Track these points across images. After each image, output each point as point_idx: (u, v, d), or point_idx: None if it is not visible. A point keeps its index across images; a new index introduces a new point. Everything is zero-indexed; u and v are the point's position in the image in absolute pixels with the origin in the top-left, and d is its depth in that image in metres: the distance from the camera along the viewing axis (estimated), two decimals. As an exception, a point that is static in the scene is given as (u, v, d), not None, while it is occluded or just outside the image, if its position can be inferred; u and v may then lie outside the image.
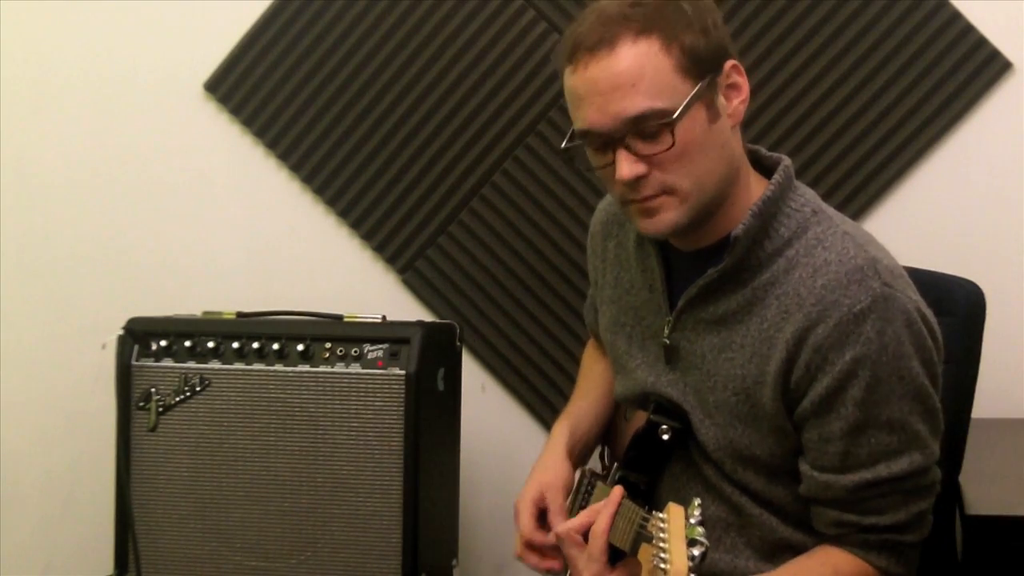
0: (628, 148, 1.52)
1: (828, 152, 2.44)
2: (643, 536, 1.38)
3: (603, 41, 1.50)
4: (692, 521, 1.32)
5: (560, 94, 2.54)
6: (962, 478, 1.76)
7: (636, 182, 1.53)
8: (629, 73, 1.50)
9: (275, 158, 2.65)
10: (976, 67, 2.40)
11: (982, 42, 2.40)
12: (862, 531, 1.55)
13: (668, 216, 1.55)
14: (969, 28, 2.40)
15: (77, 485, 2.71)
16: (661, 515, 1.36)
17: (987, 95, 2.40)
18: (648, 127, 1.50)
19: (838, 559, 1.56)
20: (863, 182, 2.44)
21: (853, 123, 2.44)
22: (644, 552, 1.37)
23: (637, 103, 1.49)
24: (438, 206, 2.60)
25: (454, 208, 2.60)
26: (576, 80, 1.53)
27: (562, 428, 1.85)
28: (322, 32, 2.60)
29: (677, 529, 1.32)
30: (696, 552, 1.28)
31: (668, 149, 1.50)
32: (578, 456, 1.83)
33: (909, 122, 2.42)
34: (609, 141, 1.53)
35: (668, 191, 1.54)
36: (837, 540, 1.57)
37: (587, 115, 1.53)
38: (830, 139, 2.44)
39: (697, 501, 1.33)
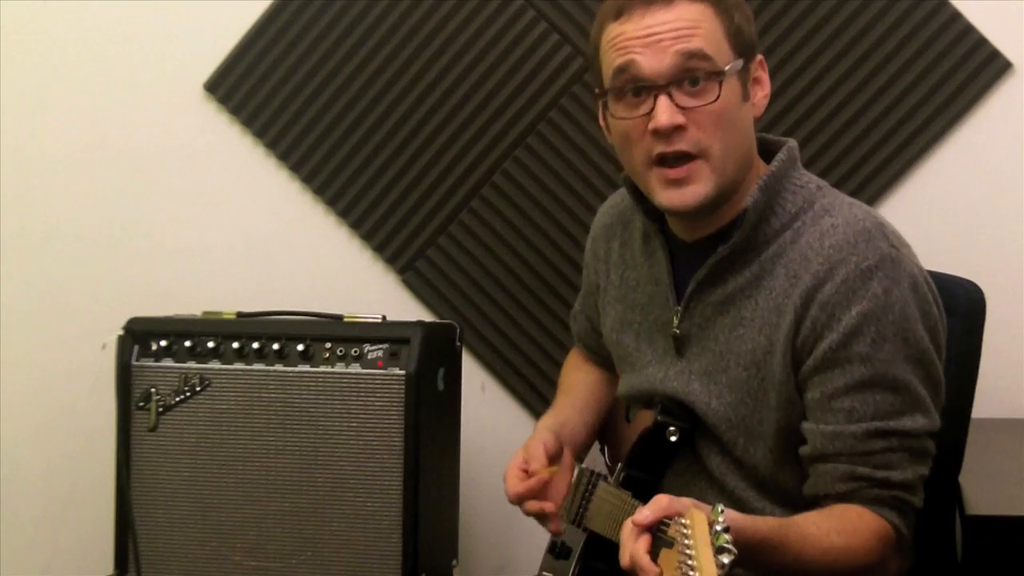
0: (669, 96, 1.53)
1: (828, 152, 2.44)
2: (663, 541, 1.36)
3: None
4: (718, 528, 1.29)
5: (560, 94, 2.55)
6: (962, 478, 1.76)
7: (671, 134, 1.53)
8: (687, 22, 1.54)
9: (275, 158, 2.65)
10: (976, 67, 2.40)
11: (982, 42, 2.40)
12: (875, 485, 1.54)
13: (698, 188, 1.55)
14: (969, 28, 2.40)
15: (77, 485, 2.71)
16: (683, 520, 1.33)
17: (987, 95, 2.41)
18: (696, 75, 1.52)
19: (853, 512, 1.54)
20: (863, 182, 2.44)
21: (853, 123, 2.44)
22: (665, 557, 1.34)
23: (695, 43, 1.53)
24: (438, 206, 2.60)
25: (454, 208, 2.60)
26: (627, 26, 1.55)
27: (547, 420, 1.84)
28: (322, 32, 2.60)
29: (702, 535, 1.29)
30: (725, 560, 1.25)
31: (711, 103, 1.52)
32: (565, 442, 1.81)
33: (909, 122, 2.42)
34: (647, 88, 1.54)
35: (702, 154, 1.54)
36: (847, 497, 1.55)
37: (635, 56, 1.54)
38: (830, 139, 2.44)
39: (720, 507, 1.31)
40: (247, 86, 2.63)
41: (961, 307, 1.76)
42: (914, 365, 1.54)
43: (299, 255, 2.67)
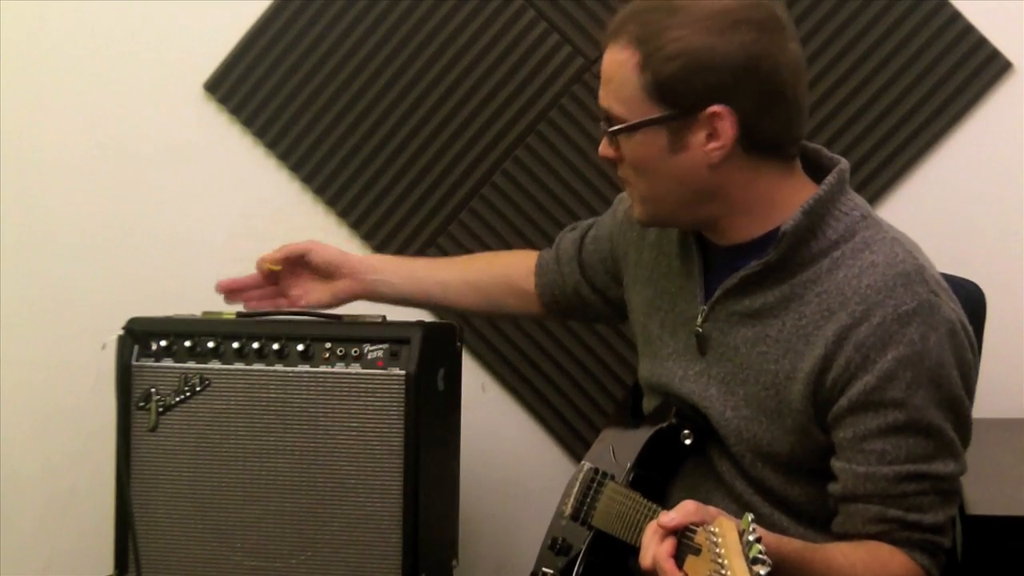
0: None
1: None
2: (689, 547, 1.36)
3: (610, 34, 1.60)
4: (750, 538, 1.27)
5: (560, 94, 2.55)
6: (962, 478, 1.76)
7: (610, 162, 1.65)
8: (608, 70, 1.61)
9: (275, 158, 2.65)
10: (976, 67, 2.40)
11: (982, 42, 2.40)
12: (906, 528, 1.54)
13: (635, 208, 1.68)
14: (969, 28, 2.40)
15: (77, 485, 2.71)
16: (712, 528, 1.32)
17: (987, 95, 2.41)
18: (605, 126, 1.62)
19: (885, 550, 1.55)
20: (863, 182, 2.44)
21: (853, 123, 2.45)
22: (692, 564, 1.33)
23: (603, 98, 1.62)
24: (438, 206, 2.60)
25: (454, 208, 2.60)
26: None
27: (393, 258, 2.18)
28: (322, 32, 2.60)
29: (733, 544, 1.27)
30: (762, 572, 1.23)
31: (616, 152, 1.63)
32: (365, 283, 2.09)
33: (909, 122, 2.43)
34: None
35: (629, 186, 1.66)
36: (877, 538, 1.55)
37: None
38: (830, 139, 2.44)
39: (750, 516, 1.30)
40: (247, 86, 2.63)
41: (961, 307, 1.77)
42: (946, 411, 1.54)
43: (299, 255, 2.66)
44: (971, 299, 1.81)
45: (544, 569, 1.77)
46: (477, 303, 2.11)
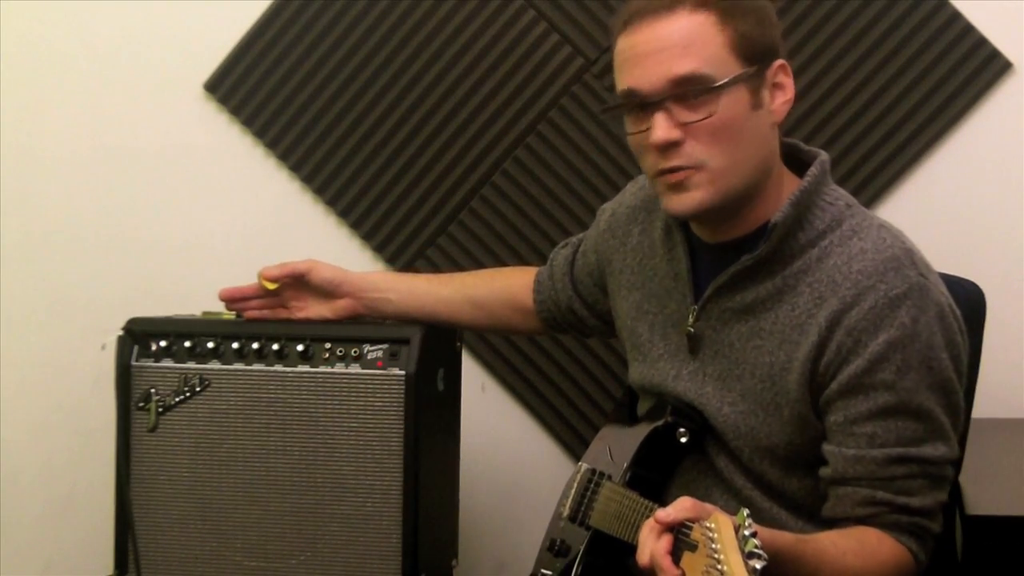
0: (667, 112, 1.54)
1: (828, 152, 2.42)
2: (686, 544, 1.36)
3: (663, 7, 1.55)
4: (747, 533, 1.27)
5: (560, 94, 2.55)
6: (962, 478, 1.76)
7: (668, 149, 1.54)
8: (682, 37, 1.53)
9: (275, 158, 2.65)
10: (976, 67, 2.40)
11: (982, 42, 2.40)
12: (895, 511, 1.55)
13: (696, 195, 1.56)
14: (969, 28, 2.40)
15: (77, 485, 2.71)
16: (708, 524, 1.32)
17: (987, 95, 2.41)
18: (691, 92, 1.53)
19: (873, 535, 1.55)
20: (863, 182, 2.44)
21: (853, 123, 2.44)
22: (689, 561, 1.34)
23: (685, 65, 1.53)
24: (438, 206, 2.60)
25: (454, 208, 2.60)
26: (628, 41, 1.57)
27: (387, 276, 2.21)
28: (322, 32, 2.60)
29: (729, 539, 1.27)
30: (758, 566, 1.23)
31: (706, 119, 1.53)
32: (365, 300, 2.11)
33: (909, 122, 2.42)
34: (649, 104, 1.55)
35: (698, 166, 1.55)
36: (866, 522, 1.56)
37: (633, 73, 1.55)
38: (830, 139, 2.44)
39: (746, 512, 1.30)
40: (247, 86, 2.63)
41: (961, 307, 1.77)
42: (937, 393, 1.54)
43: (299, 255, 2.64)
44: (971, 299, 1.81)
45: (543, 571, 1.77)
46: (478, 319, 2.11)
